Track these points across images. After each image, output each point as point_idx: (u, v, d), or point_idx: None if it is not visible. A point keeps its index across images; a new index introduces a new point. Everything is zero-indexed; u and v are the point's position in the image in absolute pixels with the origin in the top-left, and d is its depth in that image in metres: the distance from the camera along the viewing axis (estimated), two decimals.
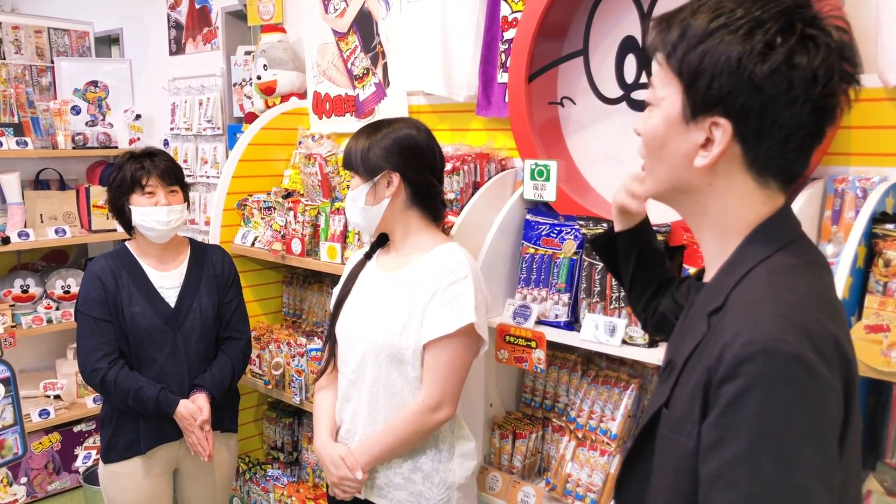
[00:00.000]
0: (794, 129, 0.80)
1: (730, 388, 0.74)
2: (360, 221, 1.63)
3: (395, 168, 1.56)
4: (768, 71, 0.77)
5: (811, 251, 0.88)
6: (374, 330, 1.57)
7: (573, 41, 1.98)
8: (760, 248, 0.84)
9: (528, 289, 1.89)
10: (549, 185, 1.87)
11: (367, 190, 1.58)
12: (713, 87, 0.80)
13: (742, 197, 0.85)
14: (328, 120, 2.70)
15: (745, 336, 0.75)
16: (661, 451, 0.88)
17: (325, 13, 2.62)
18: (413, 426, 1.53)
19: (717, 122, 0.81)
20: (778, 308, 0.76)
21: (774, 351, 0.72)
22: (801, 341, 0.73)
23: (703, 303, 0.88)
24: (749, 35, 0.78)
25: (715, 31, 0.80)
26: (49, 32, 3.74)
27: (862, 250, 1.36)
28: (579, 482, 1.76)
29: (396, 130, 1.58)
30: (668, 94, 0.86)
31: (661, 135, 0.87)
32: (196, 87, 3.48)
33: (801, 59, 0.77)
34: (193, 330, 2.09)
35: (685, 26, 0.83)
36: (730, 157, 0.83)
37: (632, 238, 1.27)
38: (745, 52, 0.78)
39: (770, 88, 0.77)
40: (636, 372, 1.84)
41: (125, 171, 2.04)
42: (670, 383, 0.87)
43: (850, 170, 1.56)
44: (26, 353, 3.50)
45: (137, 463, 2.05)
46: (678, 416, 0.84)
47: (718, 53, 0.79)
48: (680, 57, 0.83)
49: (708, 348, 0.80)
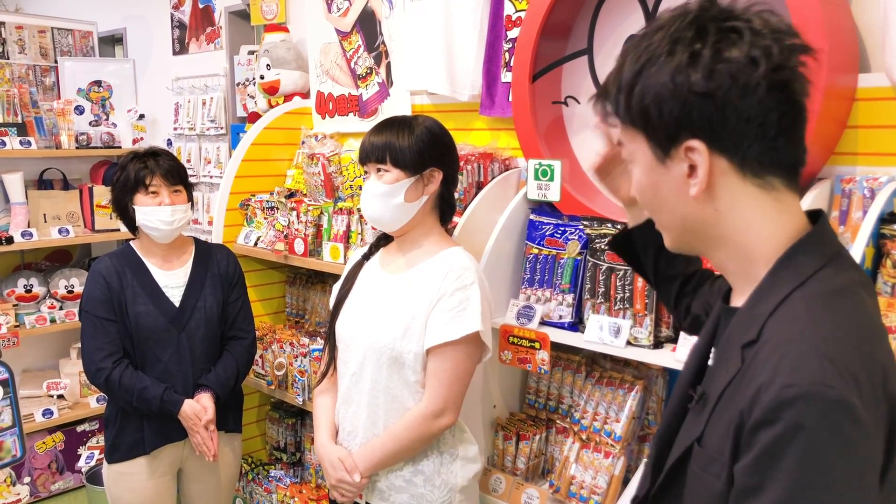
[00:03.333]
0: (762, 115, 0.77)
1: (767, 433, 0.70)
2: (387, 218, 1.55)
3: (441, 165, 1.55)
4: (704, 74, 0.76)
5: (851, 270, 0.83)
6: (375, 331, 1.56)
7: (577, 40, 1.97)
8: (794, 271, 0.79)
9: (531, 289, 1.88)
10: (552, 184, 1.86)
11: (409, 185, 1.52)
12: (664, 115, 0.79)
13: (753, 210, 0.81)
14: (331, 120, 2.69)
15: (784, 379, 0.70)
16: (691, 489, 0.84)
17: (328, 12, 2.61)
18: (415, 433, 1.52)
19: (690, 146, 0.79)
20: (820, 346, 0.71)
21: (816, 396, 0.68)
22: (846, 385, 0.69)
23: (736, 333, 0.83)
24: (671, 54, 0.78)
25: (643, 69, 0.80)
26: (53, 32, 3.74)
27: (870, 251, 1.35)
28: (583, 484, 1.75)
29: (432, 126, 1.56)
30: (636, 146, 0.86)
31: (647, 184, 0.87)
32: (199, 87, 3.48)
33: (730, 50, 0.76)
34: (198, 329, 2.08)
35: (619, 80, 0.84)
36: (720, 173, 0.80)
37: (646, 231, 1.23)
38: (675, 70, 0.77)
39: (716, 90, 0.76)
40: (641, 373, 1.82)
41: (129, 171, 2.04)
42: (703, 418, 0.83)
43: (858, 169, 1.54)
44: (30, 352, 3.50)
45: (142, 463, 2.05)
46: (709, 454, 0.80)
47: (652, 84, 0.79)
48: (625, 106, 0.84)
49: (742, 386, 0.76)
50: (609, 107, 0.88)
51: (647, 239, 1.24)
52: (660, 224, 0.91)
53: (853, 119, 1.54)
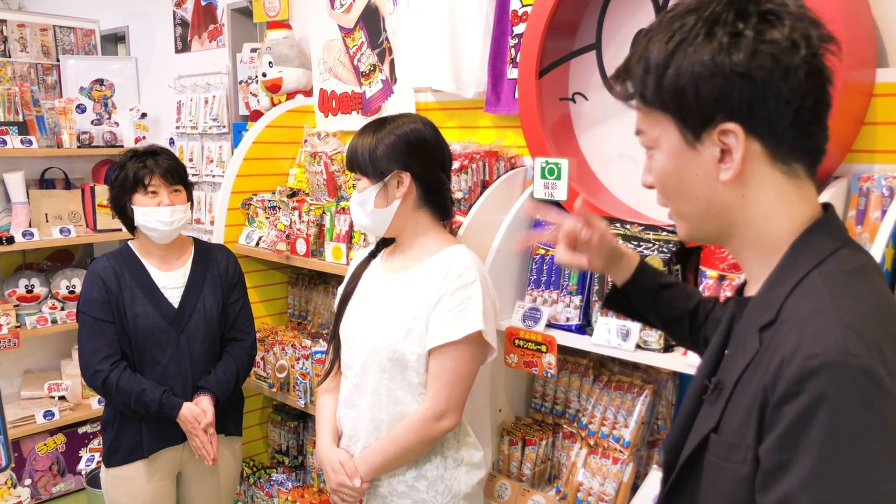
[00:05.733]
0: (801, 99, 0.76)
1: (792, 407, 0.68)
2: (369, 225, 1.58)
3: (405, 167, 1.51)
4: (747, 55, 0.75)
5: (864, 254, 0.82)
6: (377, 333, 1.54)
7: (585, 35, 1.93)
8: (812, 252, 0.79)
9: (538, 291, 1.84)
10: (560, 183, 1.82)
11: (377, 192, 1.52)
12: (702, 97, 0.77)
13: (777, 197, 0.81)
14: (334, 118, 2.66)
15: (807, 349, 0.68)
16: (709, 480, 0.81)
17: (331, 9, 2.58)
18: (416, 435, 1.49)
19: (725, 128, 0.78)
20: (841, 317, 0.70)
21: (841, 365, 0.66)
22: (870, 353, 0.67)
23: (752, 317, 0.81)
24: (710, 35, 0.76)
25: (676, 49, 0.78)
26: (55, 30, 3.72)
27: (890, 252, 1.31)
28: (591, 491, 1.71)
29: (401, 126, 1.53)
30: (662, 131, 0.83)
31: (673, 171, 0.84)
32: (202, 85, 3.45)
33: (772, 32, 0.75)
34: (197, 331, 2.06)
35: (645, 61, 0.81)
36: (752, 157, 0.79)
37: (637, 285, 1.21)
38: (716, 50, 0.75)
39: (758, 70, 0.75)
40: (650, 377, 1.78)
41: (127, 170, 2.01)
42: (719, 406, 0.81)
43: (875, 168, 1.50)
44: (31, 353, 3.49)
45: (140, 467, 2.02)
46: (730, 441, 0.77)
47: (690, 64, 0.77)
48: (654, 89, 0.81)
49: (762, 366, 0.74)
50: (631, 88, 0.84)
51: (642, 293, 1.22)
52: (678, 212, 0.88)
53: (871, 115, 1.49)
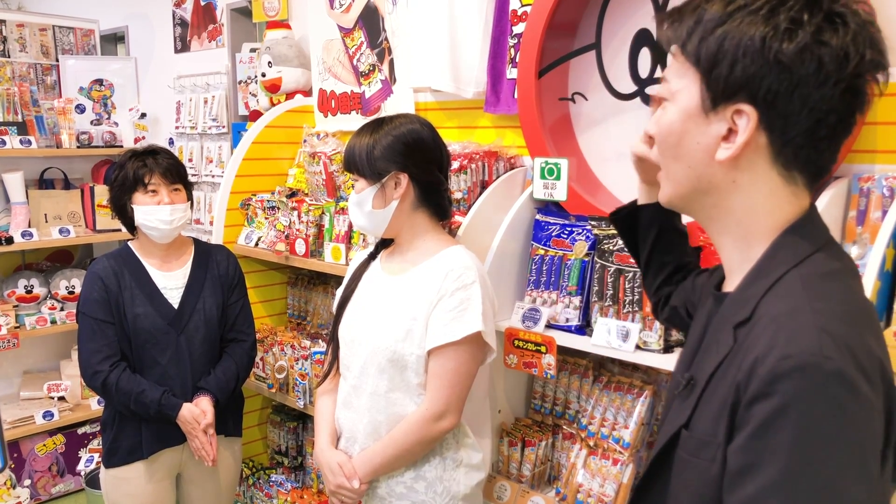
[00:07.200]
0: (824, 112, 0.74)
1: (762, 407, 0.67)
2: (367, 226, 1.57)
3: (403, 168, 1.51)
4: (796, 49, 0.72)
5: (843, 258, 0.81)
6: (376, 334, 1.53)
7: (585, 35, 1.92)
8: (791, 252, 0.78)
9: (537, 291, 1.83)
10: (559, 183, 1.82)
11: (374, 193, 1.52)
12: (735, 71, 0.75)
13: (767, 194, 0.79)
14: (333, 118, 2.65)
15: (781, 350, 0.68)
16: (678, 476, 0.81)
17: (330, 9, 2.57)
18: (415, 436, 1.48)
19: (741, 109, 0.76)
20: (816, 319, 0.69)
21: (814, 367, 0.66)
22: (843, 357, 0.66)
23: (728, 314, 0.81)
24: (772, 13, 0.73)
25: (734, 13, 0.75)
26: (54, 30, 3.71)
27: (890, 252, 1.30)
28: (591, 492, 1.70)
29: (398, 127, 1.52)
30: (685, 86, 0.80)
31: (678, 130, 0.82)
32: (201, 86, 3.45)
33: (831, 36, 0.72)
34: (197, 331, 2.05)
35: (700, 13, 0.78)
36: (754, 148, 0.77)
37: (655, 212, 1.18)
38: (770, 31, 0.73)
39: (799, 68, 0.72)
40: (650, 378, 1.78)
41: (127, 170, 2.01)
42: (691, 402, 0.80)
43: (876, 167, 1.49)
44: (30, 354, 3.48)
45: (140, 468, 2.02)
46: (700, 438, 0.77)
47: (739, 34, 0.74)
48: (696, 43, 0.78)
49: (735, 364, 0.74)
50: (678, 32, 0.81)
51: (653, 221, 1.20)
52: (667, 173, 0.87)
53: (871, 115, 1.47)
